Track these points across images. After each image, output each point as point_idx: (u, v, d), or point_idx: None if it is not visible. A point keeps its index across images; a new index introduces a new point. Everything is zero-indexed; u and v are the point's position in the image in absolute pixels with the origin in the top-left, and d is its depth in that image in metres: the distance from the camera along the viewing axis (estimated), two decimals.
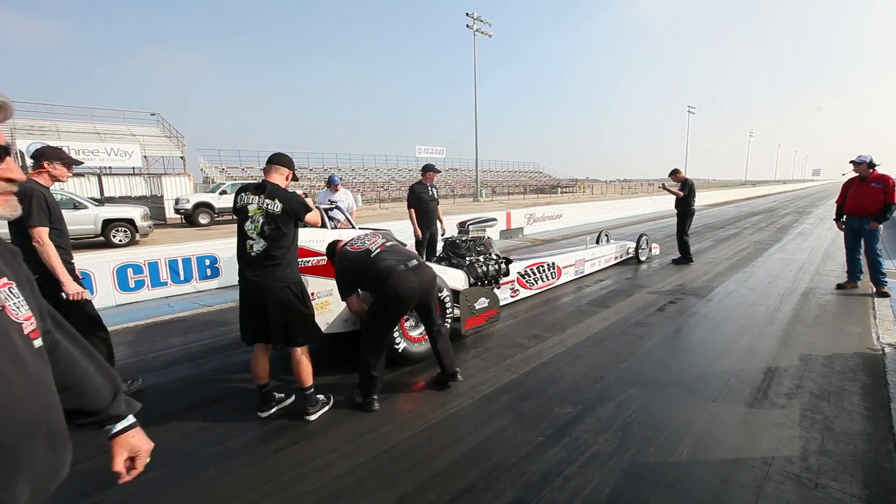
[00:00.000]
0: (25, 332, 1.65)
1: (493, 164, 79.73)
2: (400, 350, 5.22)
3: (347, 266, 4.40)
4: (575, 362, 5.36)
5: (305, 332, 4.11)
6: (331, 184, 9.28)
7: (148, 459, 2.02)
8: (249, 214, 3.95)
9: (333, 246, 4.72)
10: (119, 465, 1.96)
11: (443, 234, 8.58)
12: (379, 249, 4.46)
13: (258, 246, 3.92)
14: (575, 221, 21.81)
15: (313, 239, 5.09)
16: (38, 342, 1.68)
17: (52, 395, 1.69)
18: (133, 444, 1.99)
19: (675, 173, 10.82)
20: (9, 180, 1.70)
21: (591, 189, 78.32)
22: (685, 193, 10.67)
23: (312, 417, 4.29)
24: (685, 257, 10.95)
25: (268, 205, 3.92)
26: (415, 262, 4.38)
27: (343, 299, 4.44)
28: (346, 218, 6.41)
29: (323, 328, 5.06)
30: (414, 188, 8.47)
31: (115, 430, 1.98)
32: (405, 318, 5.38)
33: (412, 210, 8.42)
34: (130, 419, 2.01)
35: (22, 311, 1.66)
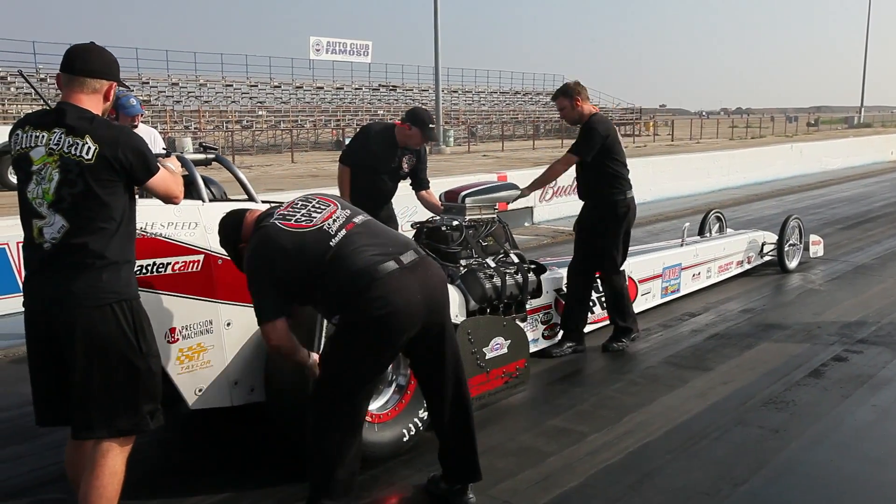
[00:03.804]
0: None
1: (470, 79, 47.50)
2: None
3: (277, 256, 2.80)
4: (640, 487, 3.02)
5: (135, 406, 2.55)
6: (123, 111, 4.83)
7: None
8: (34, 168, 2.50)
9: (237, 221, 3.00)
10: None
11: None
12: (344, 230, 2.84)
13: (52, 228, 2.45)
14: (641, 194, 10.51)
15: (175, 220, 3.10)
16: None
17: None
18: None
19: (565, 95, 4.68)
20: None
21: (672, 128, 45.55)
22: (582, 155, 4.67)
23: None
24: (622, 329, 4.92)
25: (68, 147, 2.47)
26: (412, 254, 2.86)
27: (261, 324, 2.81)
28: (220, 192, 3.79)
29: (189, 400, 3.15)
30: (371, 133, 4.93)
31: None
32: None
33: (345, 170, 4.91)
34: None
35: None
